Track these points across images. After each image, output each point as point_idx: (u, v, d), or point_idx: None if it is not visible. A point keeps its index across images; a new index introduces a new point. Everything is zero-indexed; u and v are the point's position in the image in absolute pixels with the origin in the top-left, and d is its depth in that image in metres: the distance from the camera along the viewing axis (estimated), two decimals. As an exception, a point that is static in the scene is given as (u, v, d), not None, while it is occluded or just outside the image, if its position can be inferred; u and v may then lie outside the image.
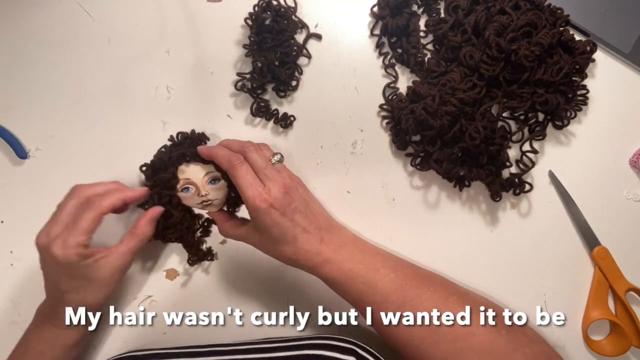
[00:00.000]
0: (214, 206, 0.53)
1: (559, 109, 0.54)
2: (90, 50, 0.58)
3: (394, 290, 0.46)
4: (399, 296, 0.46)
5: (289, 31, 0.55)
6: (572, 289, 0.56)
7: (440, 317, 0.45)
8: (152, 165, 0.53)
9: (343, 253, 0.48)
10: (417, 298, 0.45)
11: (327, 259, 0.47)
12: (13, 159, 0.58)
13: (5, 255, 0.57)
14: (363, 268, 0.47)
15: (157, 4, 0.58)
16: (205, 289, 0.57)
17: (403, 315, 0.45)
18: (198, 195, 0.52)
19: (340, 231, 0.50)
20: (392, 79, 0.57)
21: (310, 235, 0.47)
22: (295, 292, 0.57)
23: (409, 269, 0.48)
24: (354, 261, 0.47)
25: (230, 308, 0.56)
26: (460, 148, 0.53)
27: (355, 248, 0.49)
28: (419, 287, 0.46)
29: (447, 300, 0.46)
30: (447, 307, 0.45)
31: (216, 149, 0.50)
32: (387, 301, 0.46)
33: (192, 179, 0.52)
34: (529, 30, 0.51)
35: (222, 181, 0.53)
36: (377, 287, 0.46)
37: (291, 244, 0.47)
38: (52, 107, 0.58)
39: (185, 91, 0.58)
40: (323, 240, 0.48)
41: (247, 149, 0.49)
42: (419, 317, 0.45)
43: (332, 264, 0.47)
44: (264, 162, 0.48)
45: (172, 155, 0.53)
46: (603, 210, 0.56)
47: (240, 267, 0.57)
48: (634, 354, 0.56)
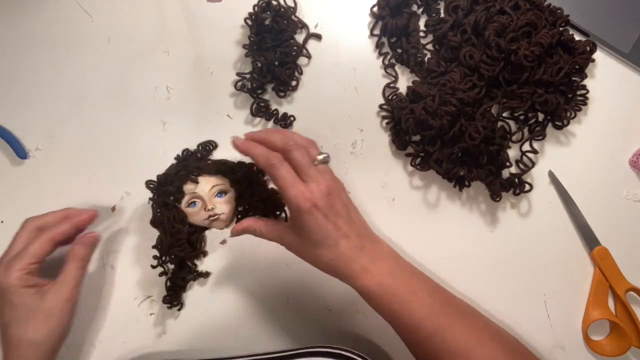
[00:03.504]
0: (221, 221, 0.52)
1: (558, 109, 0.54)
2: (90, 50, 0.58)
3: (428, 317, 0.44)
4: (432, 323, 0.44)
5: (288, 31, 0.55)
6: (572, 289, 0.56)
7: (469, 350, 0.44)
8: (158, 181, 0.53)
9: (383, 266, 0.45)
10: (449, 328, 0.44)
11: (366, 269, 0.45)
12: (13, 159, 0.58)
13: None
14: (401, 287, 0.45)
15: (157, 4, 0.58)
16: (205, 289, 0.57)
17: (434, 343, 0.44)
18: (205, 209, 0.51)
19: (380, 243, 0.48)
20: (392, 79, 0.57)
21: (351, 241, 0.45)
22: (295, 292, 0.57)
23: (444, 295, 0.47)
24: (394, 277, 0.45)
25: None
26: (460, 148, 0.53)
27: (396, 263, 0.47)
28: (452, 317, 0.45)
29: (479, 333, 0.45)
30: (478, 342, 0.44)
31: (254, 147, 0.47)
32: (419, 327, 0.44)
33: (198, 192, 0.51)
34: (528, 30, 0.51)
35: (229, 194, 0.52)
36: (412, 311, 0.44)
37: (332, 248, 0.44)
38: (52, 107, 0.58)
39: (185, 91, 0.58)
40: (364, 248, 0.45)
41: (290, 146, 0.45)
42: (449, 348, 0.44)
43: (372, 275, 0.45)
44: (307, 162, 0.45)
45: (178, 170, 0.53)
46: (603, 210, 0.56)
47: (240, 267, 0.57)
48: (634, 354, 0.56)
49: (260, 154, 0.46)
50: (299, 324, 0.57)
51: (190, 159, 0.55)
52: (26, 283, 0.45)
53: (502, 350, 0.45)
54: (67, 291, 0.47)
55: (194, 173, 0.52)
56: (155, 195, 0.52)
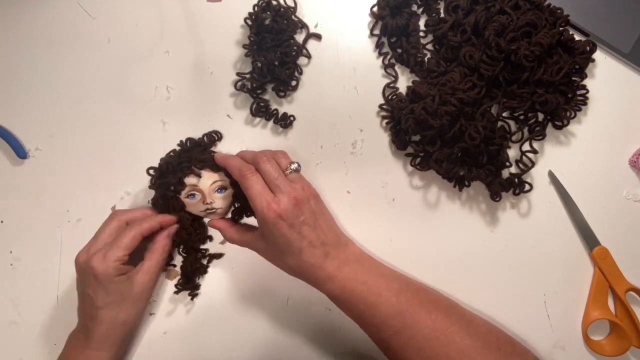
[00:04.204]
0: (216, 214, 0.53)
1: (558, 109, 0.54)
2: (90, 49, 0.58)
3: (393, 316, 0.46)
4: (398, 321, 0.46)
5: (288, 31, 0.55)
6: (572, 289, 0.56)
7: (437, 347, 0.44)
8: (160, 169, 0.53)
9: (347, 271, 0.47)
10: (416, 325, 0.45)
11: (330, 276, 0.47)
12: (13, 159, 0.58)
13: (5, 255, 0.57)
14: (365, 289, 0.47)
15: (157, 4, 0.58)
16: (205, 289, 0.57)
17: (400, 340, 0.45)
18: (203, 202, 0.52)
19: (347, 247, 0.50)
20: (392, 79, 0.57)
21: (316, 249, 0.47)
22: (295, 292, 0.57)
23: (413, 293, 0.48)
24: (358, 281, 0.47)
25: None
26: (460, 148, 0.53)
27: (361, 267, 0.48)
28: (419, 314, 0.46)
29: (446, 330, 0.45)
30: (446, 337, 0.45)
31: (230, 159, 0.51)
32: (385, 324, 0.46)
33: (200, 186, 0.52)
34: (528, 30, 0.51)
35: (229, 190, 0.53)
36: (376, 310, 0.46)
37: (296, 255, 0.47)
38: (52, 107, 0.58)
39: (185, 91, 0.58)
40: (328, 255, 0.48)
41: (259, 159, 0.48)
42: (415, 344, 0.45)
43: (335, 281, 0.47)
44: (276, 173, 0.48)
45: (181, 160, 0.53)
46: (603, 210, 0.56)
47: (240, 267, 0.57)
48: (634, 354, 0.56)
49: (235, 166, 0.49)
50: (299, 324, 0.57)
51: (194, 150, 0.55)
52: (120, 272, 0.49)
53: (473, 342, 0.45)
54: (152, 278, 0.51)
55: (197, 166, 0.52)
56: (156, 184, 0.53)
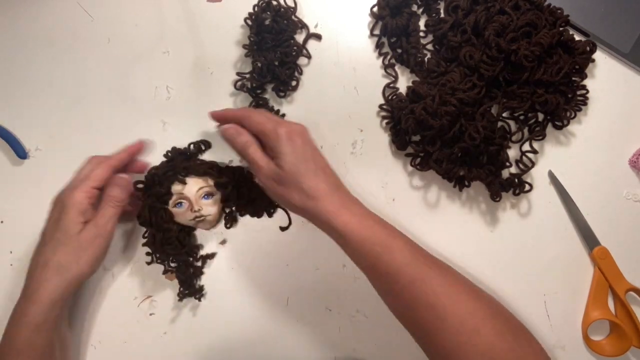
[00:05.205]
0: (207, 222, 0.53)
1: (558, 109, 0.54)
2: (90, 50, 0.58)
3: (409, 263, 0.43)
4: (413, 270, 0.43)
5: (288, 31, 0.55)
6: (572, 289, 0.56)
7: (447, 306, 0.42)
8: (146, 182, 0.53)
9: (359, 207, 0.45)
10: (429, 279, 0.43)
11: (345, 205, 0.43)
12: (13, 159, 0.58)
13: (5, 255, 0.57)
14: (381, 229, 0.44)
15: (157, 4, 0.58)
16: (205, 289, 0.57)
17: (412, 293, 0.42)
18: (191, 210, 0.52)
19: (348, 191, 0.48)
20: (392, 79, 0.57)
21: (329, 177, 0.46)
22: (295, 292, 0.57)
23: (422, 250, 0.46)
24: (374, 220, 0.44)
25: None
26: (460, 148, 0.53)
27: (369, 212, 0.46)
28: (432, 267, 0.44)
29: (459, 288, 0.44)
30: (458, 296, 0.43)
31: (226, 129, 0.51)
32: (399, 273, 0.43)
33: (185, 193, 0.51)
34: (528, 30, 0.51)
35: (216, 196, 0.53)
36: (393, 255, 0.43)
37: (312, 178, 0.45)
38: (52, 107, 0.58)
39: (185, 91, 0.58)
40: (340, 188, 0.45)
41: (247, 112, 0.51)
42: (426, 300, 0.42)
43: (352, 213, 0.43)
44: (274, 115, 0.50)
45: (166, 170, 0.52)
46: (603, 210, 0.56)
47: (240, 267, 0.57)
48: (634, 354, 0.56)
49: (231, 134, 0.51)
50: (299, 324, 0.57)
51: (178, 159, 0.55)
52: (83, 207, 0.49)
53: (481, 308, 0.43)
54: (99, 228, 0.50)
55: (181, 174, 0.52)
56: (145, 196, 0.52)
